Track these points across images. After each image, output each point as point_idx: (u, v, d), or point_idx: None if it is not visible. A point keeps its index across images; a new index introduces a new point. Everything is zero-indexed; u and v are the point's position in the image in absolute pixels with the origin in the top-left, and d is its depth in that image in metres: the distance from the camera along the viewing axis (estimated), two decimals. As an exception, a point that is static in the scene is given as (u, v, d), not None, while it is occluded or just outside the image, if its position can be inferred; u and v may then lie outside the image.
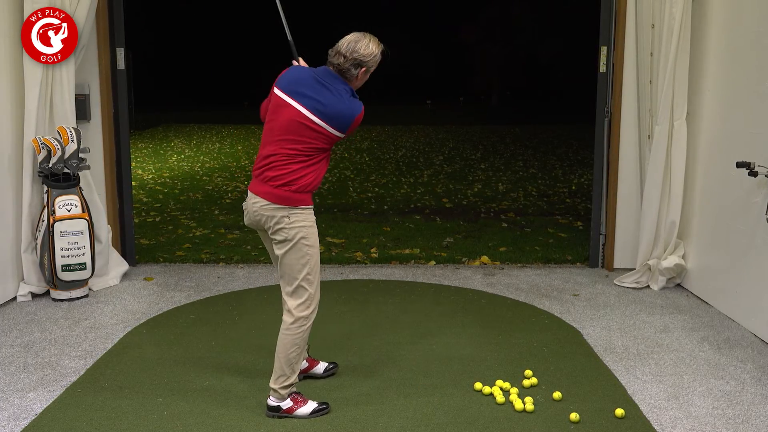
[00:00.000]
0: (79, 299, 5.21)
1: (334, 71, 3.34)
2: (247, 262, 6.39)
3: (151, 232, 7.67)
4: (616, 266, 5.97)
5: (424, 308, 5.08)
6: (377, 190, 10.87)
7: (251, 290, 5.51)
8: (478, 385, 3.76)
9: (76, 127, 5.22)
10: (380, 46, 3.38)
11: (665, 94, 5.28)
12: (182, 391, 3.72)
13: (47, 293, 5.27)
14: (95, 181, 5.54)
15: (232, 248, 6.89)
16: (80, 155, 5.18)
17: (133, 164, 10.59)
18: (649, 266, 5.57)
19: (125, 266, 5.82)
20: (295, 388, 3.49)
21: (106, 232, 5.56)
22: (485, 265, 6.31)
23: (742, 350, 4.33)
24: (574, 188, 11.01)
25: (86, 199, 5.29)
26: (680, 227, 5.51)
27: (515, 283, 5.72)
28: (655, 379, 3.91)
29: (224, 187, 11.17)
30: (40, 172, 5.12)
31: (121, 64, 5.77)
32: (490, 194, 10.44)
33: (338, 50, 3.32)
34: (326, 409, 3.50)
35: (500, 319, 4.86)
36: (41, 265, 5.17)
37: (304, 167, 3.33)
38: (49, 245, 5.06)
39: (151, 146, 17.35)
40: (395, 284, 5.67)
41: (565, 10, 27.96)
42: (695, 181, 5.43)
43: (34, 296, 5.25)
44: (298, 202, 3.35)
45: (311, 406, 3.47)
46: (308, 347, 3.80)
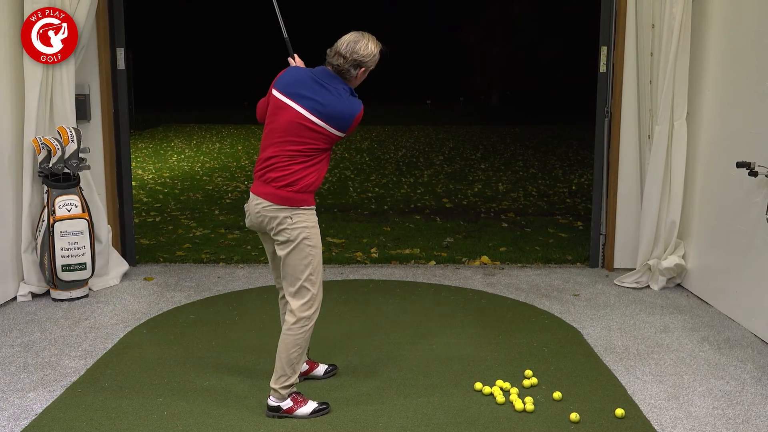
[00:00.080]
0: (79, 299, 5.21)
1: (332, 71, 3.34)
2: (247, 262, 6.39)
3: (151, 232, 7.67)
4: (616, 266, 5.97)
5: (424, 308, 5.08)
6: (377, 190, 10.87)
7: (251, 290, 5.51)
8: (478, 385, 3.75)
9: (76, 127, 5.22)
10: (378, 45, 3.37)
11: (665, 94, 5.28)
12: (182, 391, 3.72)
13: (47, 293, 5.27)
14: (95, 181, 5.54)
15: (232, 248, 6.89)
16: (80, 155, 5.18)
17: (133, 164, 10.60)
18: (649, 266, 5.57)
19: (125, 266, 5.82)
20: (295, 388, 3.49)
21: (106, 232, 5.56)
22: (485, 265, 6.31)
23: (742, 350, 4.32)
24: (574, 188, 11.01)
25: (86, 199, 5.29)
26: (680, 227, 5.51)
27: (515, 283, 5.72)
28: (655, 379, 3.91)
29: (224, 187, 11.17)
30: (40, 172, 5.12)
31: (121, 64, 5.78)
32: (490, 194, 10.44)
33: (337, 51, 3.30)
34: (326, 409, 3.50)
35: (500, 319, 4.86)
36: (41, 265, 5.17)
37: (305, 168, 3.33)
38: (49, 245, 5.06)
39: (151, 146, 17.35)
40: (395, 284, 5.67)
41: (565, 10, 27.97)
42: (695, 181, 5.43)
43: (34, 296, 5.25)
44: (300, 202, 3.35)
45: (311, 406, 3.47)
46: (308, 350, 3.80)
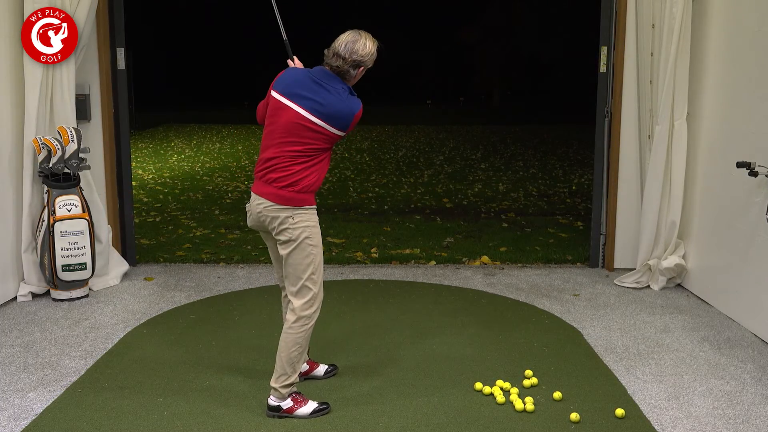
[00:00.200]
0: (79, 299, 5.21)
1: (331, 71, 3.34)
2: (247, 262, 6.39)
3: (151, 232, 7.67)
4: (616, 266, 5.97)
5: (424, 308, 5.08)
6: (377, 190, 10.87)
7: (251, 290, 5.51)
8: (478, 385, 3.76)
9: (76, 127, 5.23)
10: (376, 43, 3.37)
11: (665, 94, 5.28)
12: (182, 391, 3.73)
13: (47, 293, 5.27)
14: (95, 181, 5.54)
15: (232, 248, 6.89)
16: (80, 155, 5.18)
17: (133, 164, 10.59)
18: (649, 266, 5.57)
19: (125, 266, 5.82)
20: (295, 387, 3.49)
21: (106, 232, 5.56)
22: (485, 265, 6.31)
23: (742, 350, 4.32)
24: (574, 188, 11.01)
25: (86, 199, 5.29)
26: (680, 227, 5.51)
27: (515, 283, 5.72)
28: (655, 379, 3.91)
29: (224, 187, 11.17)
30: (40, 172, 5.12)
31: (121, 64, 5.78)
32: (490, 194, 10.44)
33: (336, 52, 3.29)
34: (326, 409, 3.50)
35: (500, 319, 4.86)
36: (41, 265, 5.17)
37: (306, 167, 3.33)
38: (49, 245, 5.06)
39: (151, 146, 17.34)
40: (395, 284, 5.67)
41: (565, 10, 27.96)
42: (695, 181, 5.43)
43: (34, 296, 5.25)
44: (301, 202, 3.35)
45: (311, 406, 3.47)
46: (308, 350, 3.80)
